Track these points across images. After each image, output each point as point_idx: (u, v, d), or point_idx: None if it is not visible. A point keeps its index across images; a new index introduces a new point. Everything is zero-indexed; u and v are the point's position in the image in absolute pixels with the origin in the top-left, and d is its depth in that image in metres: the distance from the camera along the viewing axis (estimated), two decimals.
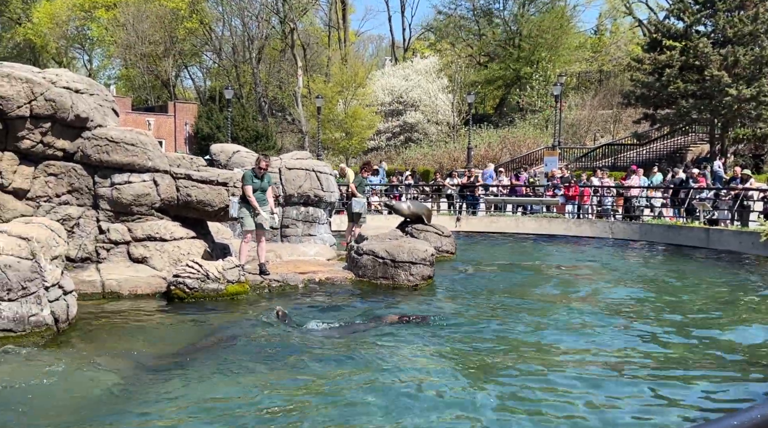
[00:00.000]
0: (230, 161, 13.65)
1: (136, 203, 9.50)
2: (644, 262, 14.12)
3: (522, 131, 37.12)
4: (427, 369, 6.08)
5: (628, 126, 35.72)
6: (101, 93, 10.54)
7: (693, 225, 16.50)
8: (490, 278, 11.52)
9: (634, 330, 7.74)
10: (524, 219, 19.88)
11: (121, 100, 35.25)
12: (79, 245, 9.31)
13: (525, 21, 43.44)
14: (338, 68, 39.84)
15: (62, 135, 9.25)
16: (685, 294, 10.14)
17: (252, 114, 40.23)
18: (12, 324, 6.70)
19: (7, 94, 8.51)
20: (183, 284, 8.64)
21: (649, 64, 28.59)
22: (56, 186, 9.37)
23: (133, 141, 9.55)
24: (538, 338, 7.29)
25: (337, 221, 18.48)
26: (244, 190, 9.63)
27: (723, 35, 27.44)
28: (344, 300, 9.24)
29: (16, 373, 5.84)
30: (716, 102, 26.38)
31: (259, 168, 9.75)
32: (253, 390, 5.46)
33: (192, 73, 55.81)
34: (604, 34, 52.24)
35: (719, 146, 28.38)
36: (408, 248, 10.36)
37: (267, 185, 9.91)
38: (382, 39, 67.43)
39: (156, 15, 44.31)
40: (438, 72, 41.96)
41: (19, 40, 50.13)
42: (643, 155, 31.19)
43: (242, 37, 47.40)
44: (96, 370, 5.95)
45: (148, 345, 6.85)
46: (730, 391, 5.68)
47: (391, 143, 40.28)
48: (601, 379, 5.87)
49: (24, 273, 6.75)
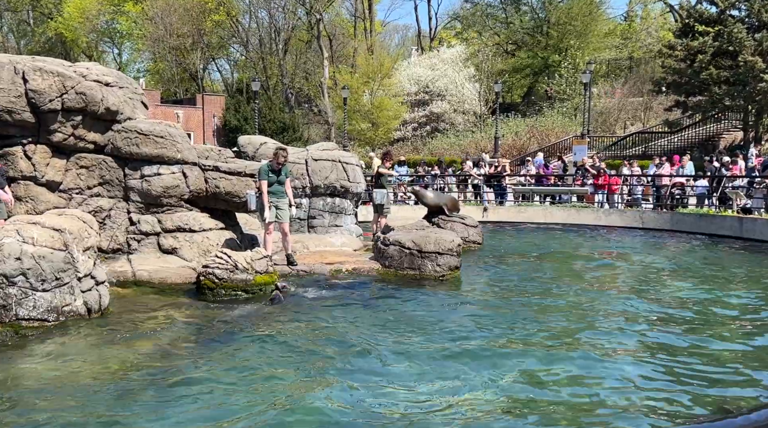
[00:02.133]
0: (257, 153, 13.74)
1: (166, 194, 9.61)
2: (679, 253, 13.88)
3: (550, 119, 36.68)
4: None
5: (659, 114, 35.07)
6: (130, 86, 10.67)
7: (726, 214, 16.18)
8: (517, 269, 11.44)
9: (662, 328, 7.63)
10: (552, 209, 19.70)
11: (150, 93, 35.61)
12: (111, 237, 9.47)
13: (553, 8, 42.84)
14: (364, 59, 39.79)
15: (93, 128, 9.39)
16: (733, 286, 9.96)
17: (279, 106, 40.38)
18: (46, 313, 6.85)
19: (40, 88, 8.67)
20: (212, 274, 8.73)
21: (681, 50, 28.01)
22: (88, 178, 9.53)
23: (162, 133, 9.66)
24: (572, 334, 7.23)
25: (363, 211, 18.50)
26: (259, 185, 9.68)
27: (758, 20, 26.75)
28: (369, 291, 9.26)
29: (50, 361, 5.97)
30: (750, 88, 25.75)
31: (277, 163, 9.81)
32: (284, 377, 5.52)
33: (219, 66, 56.20)
34: (635, 20, 51.25)
35: (753, 134, 27.74)
36: (434, 238, 10.33)
37: (285, 177, 9.95)
38: (408, 29, 67.21)
39: (184, 8, 44.64)
40: (465, 61, 41.63)
41: (51, 34, 50.92)
42: (674, 143, 30.63)
43: (269, 28, 47.56)
44: (127, 358, 6.05)
45: (178, 333, 6.94)
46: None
47: (417, 134, 40.13)
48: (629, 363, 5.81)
49: (57, 264, 6.89)
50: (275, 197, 9.75)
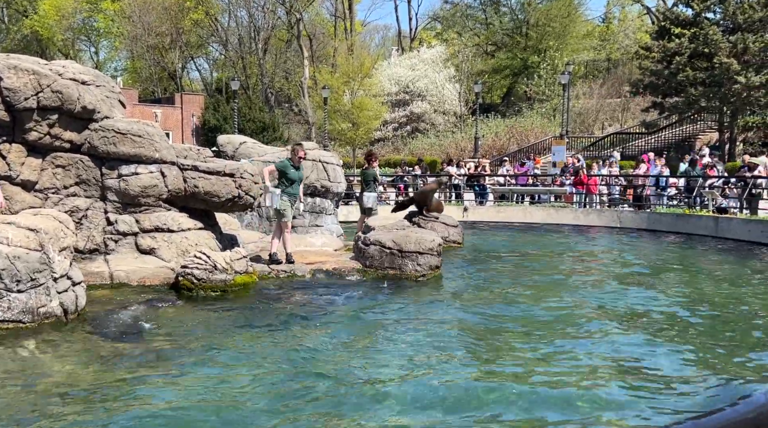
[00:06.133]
0: (237, 152, 13.66)
1: (144, 194, 9.51)
2: (647, 249, 14.06)
3: (529, 120, 36.95)
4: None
5: (637, 115, 35.49)
6: (108, 85, 10.54)
7: (702, 214, 16.41)
8: (497, 268, 11.51)
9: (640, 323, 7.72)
10: (532, 209, 19.83)
11: (128, 92, 35.24)
12: (87, 237, 9.34)
13: (532, 9, 43.16)
14: (344, 59, 39.74)
15: (69, 127, 9.27)
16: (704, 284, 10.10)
17: (258, 105, 40.21)
18: (21, 314, 6.75)
19: (14, 86, 8.53)
20: (191, 274, 8.66)
21: (657, 52, 28.37)
22: (64, 178, 9.40)
23: (140, 133, 9.56)
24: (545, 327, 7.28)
25: (344, 211, 18.49)
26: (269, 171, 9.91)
27: (733, 22, 27.18)
28: (347, 292, 9.25)
29: (26, 363, 5.88)
30: (725, 90, 26.16)
31: (298, 158, 10.05)
32: (261, 378, 5.49)
33: (198, 65, 55.84)
34: (612, 22, 51.84)
35: (728, 134, 28.18)
36: (415, 238, 10.34)
37: (303, 175, 10.26)
38: (388, 29, 67.35)
39: (162, 6, 44.29)
40: (445, 62, 41.77)
41: (26, 32, 50.19)
42: (651, 144, 31.01)
43: (248, 28, 47.35)
44: (103, 360, 5.98)
45: (155, 334, 6.87)
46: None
47: (397, 134, 40.19)
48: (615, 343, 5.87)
49: (33, 265, 6.79)
50: (292, 195, 10.01)
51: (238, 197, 9.77)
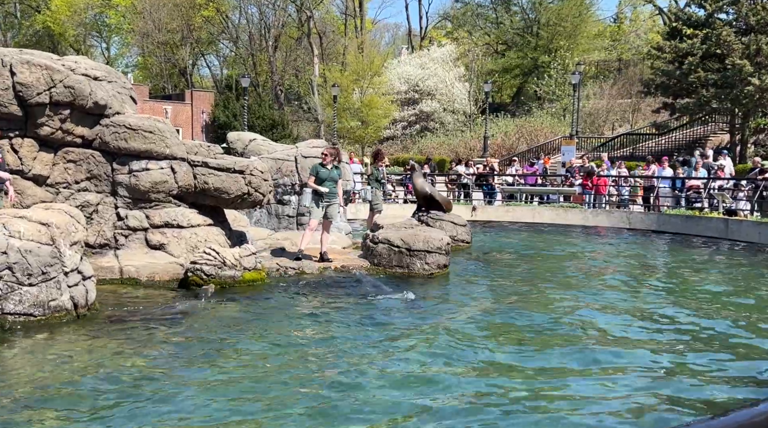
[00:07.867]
0: (246, 149, 13.71)
1: (154, 190, 9.55)
2: (656, 251, 14.00)
3: (539, 120, 36.82)
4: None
5: (647, 115, 35.30)
6: (119, 80, 10.59)
7: (711, 216, 16.32)
8: (506, 268, 11.49)
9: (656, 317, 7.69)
10: (541, 209, 19.79)
11: (139, 88, 35.39)
12: (98, 232, 9.40)
13: (543, 9, 43.01)
14: (354, 57, 39.73)
15: (81, 122, 9.32)
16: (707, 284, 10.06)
17: (268, 103, 40.26)
18: (32, 308, 6.79)
19: (27, 81, 8.59)
20: (200, 270, 8.70)
21: (669, 52, 28.20)
22: (75, 173, 9.45)
23: (151, 128, 9.60)
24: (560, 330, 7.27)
25: (353, 210, 18.53)
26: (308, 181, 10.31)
27: (745, 23, 26.96)
28: (356, 290, 9.26)
29: (35, 356, 5.93)
30: (737, 91, 25.95)
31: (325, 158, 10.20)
32: (271, 370, 5.51)
33: (209, 62, 56.02)
34: (624, 22, 51.62)
35: (739, 136, 27.99)
36: (423, 236, 10.34)
37: (338, 176, 10.30)
38: (398, 27, 67.25)
39: (173, 3, 44.42)
40: (455, 61, 41.70)
41: (38, 27, 50.49)
42: (662, 145, 30.83)
43: (258, 25, 47.42)
44: (113, 354, 6.02)
45: (164, 329, 6.91)
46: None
47: (406, 132, 40.16)
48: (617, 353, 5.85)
49: (44, 259, 6.83)
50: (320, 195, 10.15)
51: (247, 193, 9.79)
